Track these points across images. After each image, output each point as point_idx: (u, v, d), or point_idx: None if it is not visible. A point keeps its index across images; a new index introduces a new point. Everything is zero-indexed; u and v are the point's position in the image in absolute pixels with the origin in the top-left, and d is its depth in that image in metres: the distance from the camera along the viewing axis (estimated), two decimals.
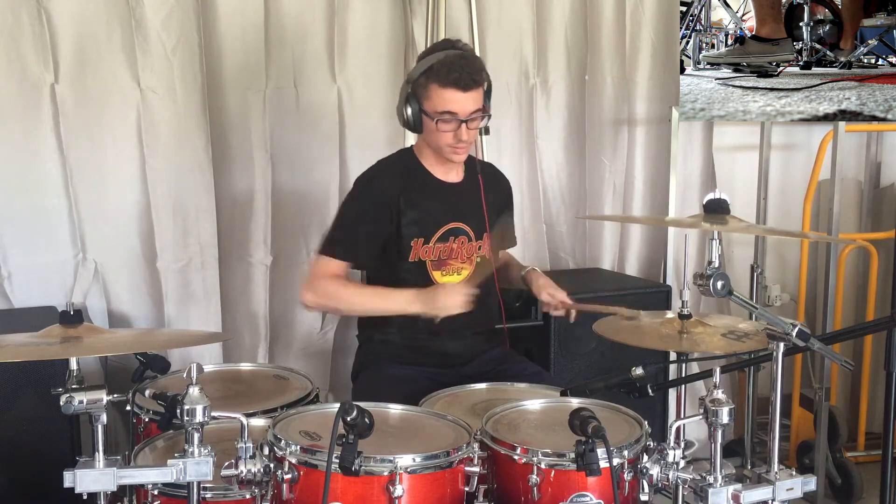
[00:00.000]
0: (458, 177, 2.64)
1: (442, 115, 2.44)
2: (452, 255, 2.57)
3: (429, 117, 2.47)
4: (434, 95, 2.44)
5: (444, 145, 2.50)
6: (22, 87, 2.92)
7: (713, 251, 1.86)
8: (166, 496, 1.92)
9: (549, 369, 3.16)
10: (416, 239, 2.53)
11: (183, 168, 3.09)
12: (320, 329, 3.34)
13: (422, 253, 2.54)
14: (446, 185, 2.61)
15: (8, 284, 2.97)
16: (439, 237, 2.55)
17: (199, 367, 1.72)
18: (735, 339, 2.32)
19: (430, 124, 2.48)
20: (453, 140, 2.48)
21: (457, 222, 2.58)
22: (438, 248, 2.55)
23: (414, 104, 2.48)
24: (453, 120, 2.45)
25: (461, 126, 2.45)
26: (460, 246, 2.58)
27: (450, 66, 2.43)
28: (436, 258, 2.55)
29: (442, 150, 2.52)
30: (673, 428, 1.82)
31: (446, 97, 2.43)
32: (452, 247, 2.57)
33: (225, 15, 3.11)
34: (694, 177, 3.83)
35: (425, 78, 2.45)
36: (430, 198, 2.57)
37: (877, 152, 4.18)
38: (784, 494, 1.79)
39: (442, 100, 2.43)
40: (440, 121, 2.45)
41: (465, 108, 2.44)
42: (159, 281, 3.10)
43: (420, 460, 1.78)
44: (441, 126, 2.45)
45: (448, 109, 2.44)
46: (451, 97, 2.43)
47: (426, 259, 2.55)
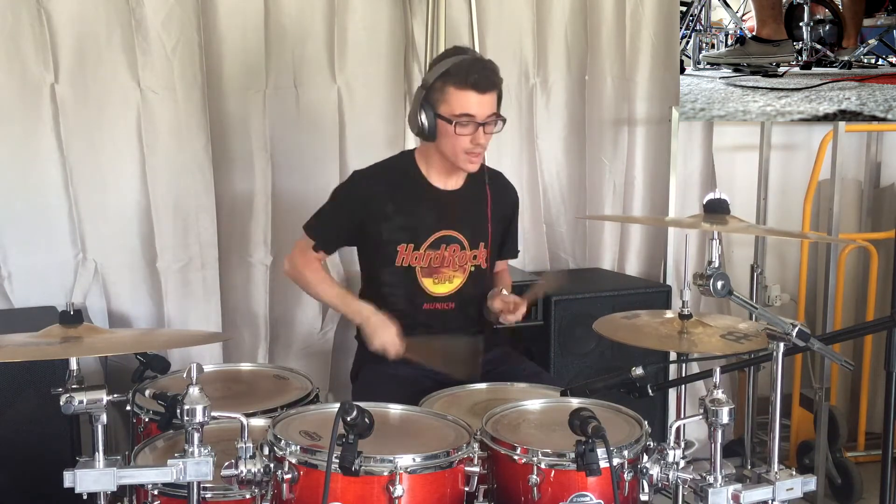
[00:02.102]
0: (456, 184, 2.62)
1: (460, 117, 2.42)
2: (444, 263, 2.57)
3: (445, 121, 2.44)
4: (452, 98, 2.42)
5: (460, 151, 2.47)
6: (22, 87, 2.92)
7: (713, 251, 1.86)
8: (166, 496, 1.92)
9: (549, 369, 3.16)
10: (403, 244, 2.53)
11: (183, 168, 3.09)
12: (320, 329, 3.34)
13: (411, 259, 2.54)
14: (442, 192, 2.60)
15: (8, 284, 2.97)
16: (430, 244, 2.55)
17: (199, 367, 1.72)
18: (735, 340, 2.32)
19: (446, 129, 2.45)
20: (471, 144, 2.45)
21: (449, 230, 2.57)
22: (429, 255, 2.55)
23: (429, 110, 2.45)
24: (471, 123, 2.43)
25: (478, 129, 2.44)
26: (452, 254, 2.57)
27: (468, 69, 2.43)
28: (426, 265, 2.55)
29: (458, 157, 2.48)
30: (673, 428, 1.82)
31: (464, 100, 2.42)
32: (444, 254, 2.56)
33: (225, 15, 3.11)
34: (694, 177, 3.82)
35: (442, 82, 2.43)
36: (421, 204, 2.56)
37: (877, 152, 4.18)
38: (784, 494, 1.79)
39: (460, 102, 2.42)
40: (458, 124, 2.42)
41: (482, 111, 2.44)
42: (159, 281, 3.10)
43: (420, 460, 1.78)
44: (459, 130, 2.43)
45: (466, 112, 2.42)
46: (470, 99, 2.42)
47: (416, 265, 2.55)
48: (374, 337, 2.49)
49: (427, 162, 2.59)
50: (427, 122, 2.46)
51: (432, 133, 2.48)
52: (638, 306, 2.90)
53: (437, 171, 2.59)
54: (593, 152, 3.70)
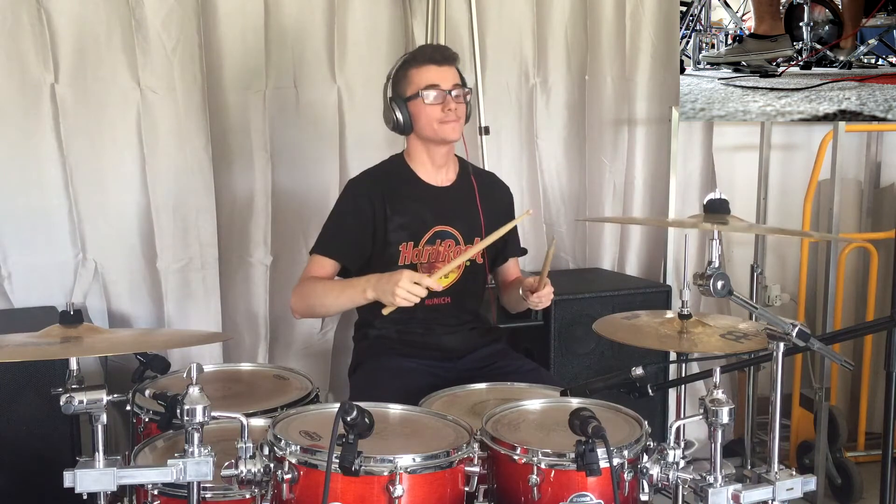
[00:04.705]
0: (447, 180, 2.64)
1: (426, 89, 2.50)
2: (440, 259, 2.57)
3: (414, 98, 2.51)
4: (413, 76, 2.52)
5: (434, 122, 2.51)
6: (22, 87, 2.92)
7: (713, 251, 1.86)
8: (166, 496, 1.92)
9: (549, 369, 3.16)
10: (404, 243, 2.54)
11: (183, 168, 3.09)
12: (320, 329, 3.34)
13: (412, 257, 2.55)
14: (434, 188, 2.62)
15: (8, 284, 2.97)
16: (427, 240, 2.56)
17: (199, 367, 1.72)
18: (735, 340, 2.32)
19: (416, 108, 2.52)
20: (442, 112, 2.50)
21: (444, 225, 2.58)
22: (427, 251, 2.56)
23: (398, 99, 2.54)
24: (436, 90, 2.50)
25: (446, 97, 2.50)
26: (447, 249, 2.58)
27: (421, 49, 2.62)
28: (425, 261, 2.56)
29: (434, 129, 2.52)
30: (673, 428, 1.82)
31: (425, 73, 2.52)
32: (440, 250, 2.57)
33: (225, 15, 3.11)
34: (694, 177, 3.83)
35: (402, 69, 2.55)
36: (417, 201, 2.58)
37: (877, 152, 4.18)
38: (784, 494, 1.79)
39: (422, 77, 2.52)
40: (425, 96, 2.49)
41: (446, 80, 2.52)
42: (159, 281, 3.10)
43: (420, 460, 1.78)
44: (427, 100, 2.50)
45: (430, 83, 2.50)
46: (430, 72, 2.52)
47: (416, 262, 2.55)
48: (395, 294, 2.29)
49: (415, 160, 2.61)
50: (400, 112, 2.54)
51: (407, 122, 2.54)
52: (638, 306, 2.91)
53: (427, 167, 2.61)
54: (593, 152, 3.70)
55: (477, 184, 2.66)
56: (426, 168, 2.61)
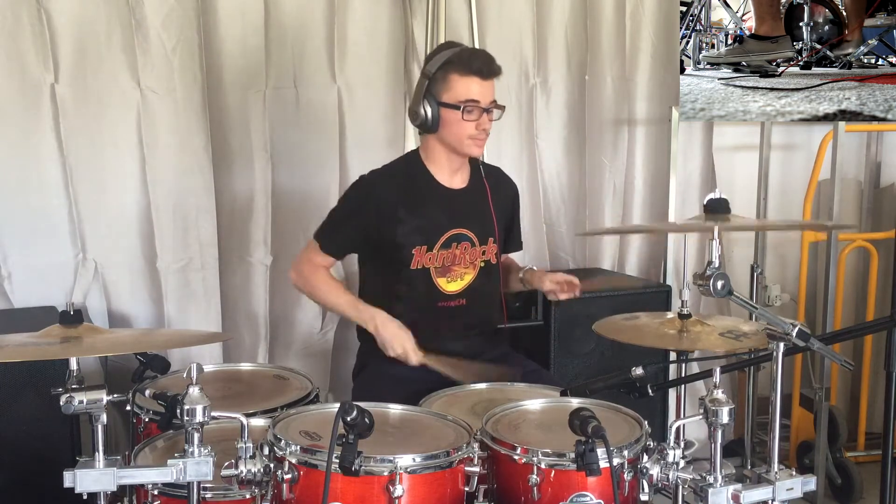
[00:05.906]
0: (462, 182, 2.63)
1: (466, 103, 2.46)
2: (455, 262, 2.57)
3: (451, 109, 2.47)
4: (456, 85, 2.46)
5: (465, 137, 2.49)
6: (22, 87, 2.92)
7: (713, 251, 1.86)
8: (166, 496, 1.92)
9: (549, 369, 3.16)
10: (418, 247, 2.53)
11: (183, 168, 3.09)
12: (320, 329, 3.34)
13: (425, 260, 2.54)
14: (450, 191, 2.61)
15: (8, 284, 2.97)
16: (442, 244, 2.55)
17: (199, 367, 1.72)
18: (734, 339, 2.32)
19: (450, 117, 2.48)
20: (476, 130, 2.49)
21: (459, 228, 2.57)
22: (442, 255, 2.55)
23: (432, 100, 2.48)
24: (476, 109, 2.47)
25: (483, 115, 2.48)
26: (463, 252, 2.58)
27: (471, 57, 2.50)
28: (440, 265, 2.56)
29: (462, 143, 2.51)
30: (673, 428, 1.82)
31: (469, 86, 2.46)
32: (455, 253, 2.57)
33: (225, 15, 3.11)
34: (694, 177, 3.83)
35: (444, 71, 2.47)
36: (432, 205, 2.57)
37: (877, 152, 4.18)
38: (784, 494, 1.79)
39: (465, 88, 2.46)
40: (465, 110, 2.46)
41: (486, 97, 2.48)
42: (159, 281, 3.10)
43: (420, 460, 1.78)
44: (466, 115, 2.46)
45: (471, 98, 2.46)
46: (474, 85, 2.46)
47: (430, 266, 2.55)
48: (393, 343, 2.45)
49: (432, 161, 2.59)
50: (430, 112, 2.49)
51: (435, 123, 2.50)
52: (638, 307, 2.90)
53: (443, 169, 2.59)
54: (593, 152, 3.70)
55: (489, 185, 2.65)
56: (443, 171, 2.59)
